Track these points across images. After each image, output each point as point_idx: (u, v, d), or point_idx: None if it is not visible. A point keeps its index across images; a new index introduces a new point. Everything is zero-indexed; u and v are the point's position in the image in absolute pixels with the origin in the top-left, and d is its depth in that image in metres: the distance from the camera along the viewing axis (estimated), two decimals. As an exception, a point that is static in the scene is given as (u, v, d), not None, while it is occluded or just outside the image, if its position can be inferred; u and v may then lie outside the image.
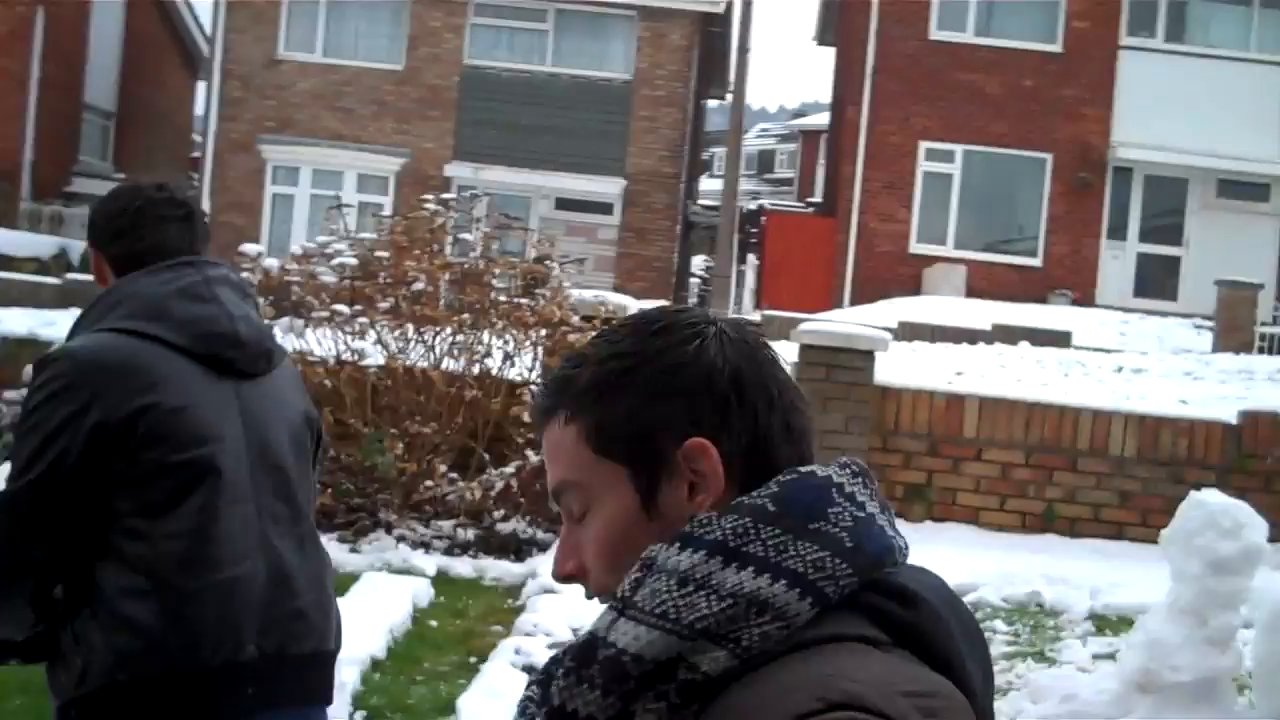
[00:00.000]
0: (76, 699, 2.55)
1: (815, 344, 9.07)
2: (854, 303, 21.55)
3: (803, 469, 1.35)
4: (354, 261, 9.71)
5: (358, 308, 9.24)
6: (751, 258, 30.15)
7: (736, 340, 1.39)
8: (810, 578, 1.28)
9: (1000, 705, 5.42)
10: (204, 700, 2.57)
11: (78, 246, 28.08)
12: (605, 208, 24.76)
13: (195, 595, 2.55)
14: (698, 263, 31.49)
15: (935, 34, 22.88)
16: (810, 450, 1.40)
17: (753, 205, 33.00)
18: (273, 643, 2.62)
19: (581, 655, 1.28)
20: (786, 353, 11.06)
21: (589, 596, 1.40)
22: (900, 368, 10.29)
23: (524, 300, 9.35)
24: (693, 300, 28.71)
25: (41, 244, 27.70)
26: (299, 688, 2.70)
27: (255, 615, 2.60)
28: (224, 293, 2.70)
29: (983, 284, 21.66)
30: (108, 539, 2.56)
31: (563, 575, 1.43)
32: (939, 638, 1.32)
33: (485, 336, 9.18)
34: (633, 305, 9.83)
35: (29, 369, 8.55)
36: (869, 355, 8.99)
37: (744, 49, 24.04)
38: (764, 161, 59.98)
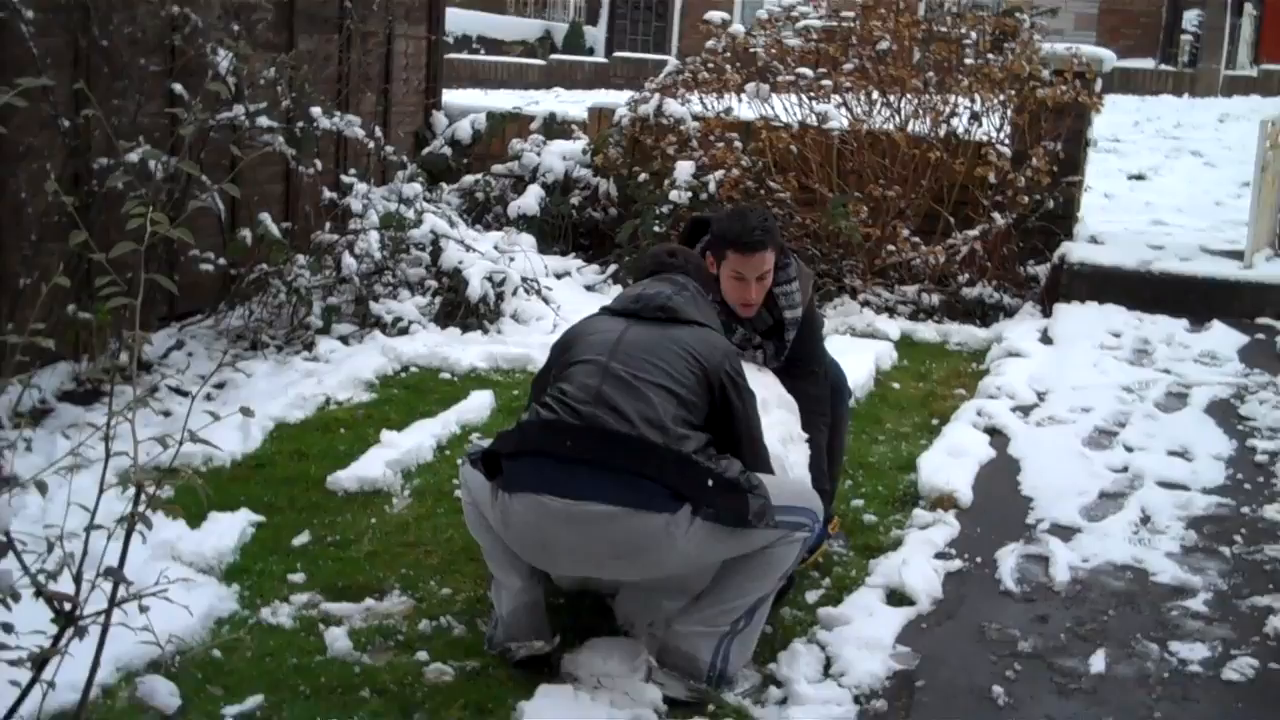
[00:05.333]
0: None
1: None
2: (1369, 54, 19.54)
3: None
4: (819, 24, 9.61)
5: (822, 71, 9.16)
6: (1249, 8, 27.70)
7: None
8: None
9: None
10: None
11: (560, 29, 29.14)
12: (1089, -41, 23.35)
13: None
14: (1190, 17, 29.19)
15: None
16: None
17: (1256, -48, 30.19)
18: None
19: None
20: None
21: None
22: None
23: (991, 56, 8.99)
24: (1182, 59, 26.75)
25: (527, 27, 28.90)
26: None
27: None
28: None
29: None
30: None
31: None
32: None
33: (951, 97, 8.92)
34: (1110, 60, 9.28)
35: (516, 141, 8.93)
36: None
37: None
38: (1271, -97, 54.66)
